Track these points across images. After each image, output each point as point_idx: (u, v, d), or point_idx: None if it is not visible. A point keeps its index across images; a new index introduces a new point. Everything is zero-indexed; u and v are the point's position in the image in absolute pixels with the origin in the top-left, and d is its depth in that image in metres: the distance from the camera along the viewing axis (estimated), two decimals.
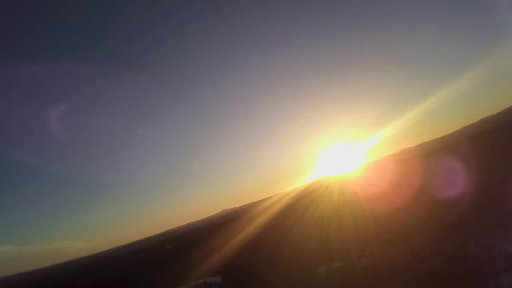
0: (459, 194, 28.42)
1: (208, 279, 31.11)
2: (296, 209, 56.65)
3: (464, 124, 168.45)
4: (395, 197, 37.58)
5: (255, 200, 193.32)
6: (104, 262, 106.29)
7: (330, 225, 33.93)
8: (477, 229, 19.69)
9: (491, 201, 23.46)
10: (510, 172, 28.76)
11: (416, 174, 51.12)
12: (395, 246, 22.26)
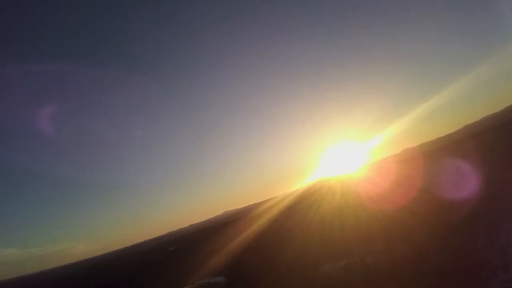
0: (463, 193, 28.32)
1: (211, 279, 31.28)
2: (299, 209, 56.48)
3: (467, 122, 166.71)
4: (397, 197, 37.43)
5: (257, 201, 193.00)
6: (107, 264, 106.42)
7: (333, 225, 33.78)
8: (485, 222, 19.75)
9: (498, 196, 23.39)
10: None
11: (419, 174, 50.91)
12: (398, 244, 22.28)
